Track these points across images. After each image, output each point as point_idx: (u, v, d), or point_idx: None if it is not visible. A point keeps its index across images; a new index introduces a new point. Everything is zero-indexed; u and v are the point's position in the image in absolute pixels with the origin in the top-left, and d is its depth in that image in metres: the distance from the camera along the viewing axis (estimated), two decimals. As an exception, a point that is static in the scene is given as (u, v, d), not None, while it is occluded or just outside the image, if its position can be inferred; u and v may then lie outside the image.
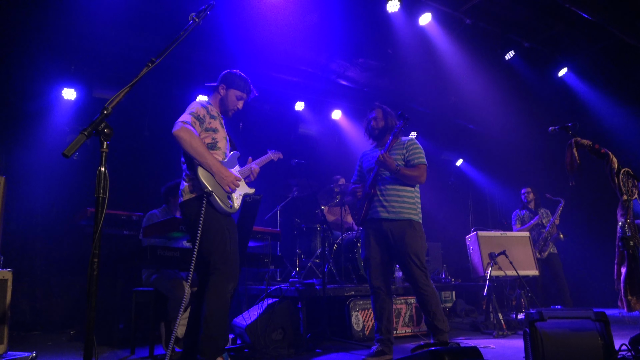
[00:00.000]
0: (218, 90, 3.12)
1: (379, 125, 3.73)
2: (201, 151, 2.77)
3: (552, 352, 2.45)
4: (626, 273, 3.33)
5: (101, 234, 1.55)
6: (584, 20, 5.88)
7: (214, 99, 3.15)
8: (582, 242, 7.09)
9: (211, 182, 2.78)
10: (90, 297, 1.48)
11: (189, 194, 2.83)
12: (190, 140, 2.73)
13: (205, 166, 2.78)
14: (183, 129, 2.73)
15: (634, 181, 3.42)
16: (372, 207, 3.55)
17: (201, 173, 2.77)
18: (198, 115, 2.88)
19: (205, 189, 2.73)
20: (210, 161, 2.78)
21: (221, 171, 2.83)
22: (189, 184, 2.85)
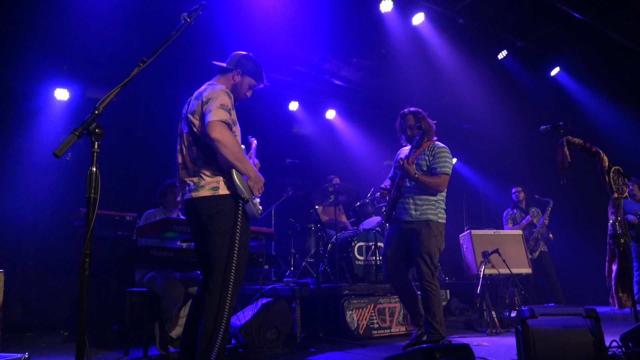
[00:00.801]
0: (232, 75, 2.81)
1: (414, 133, 3.80)
2: (241, 157, 2.53)
3: (544, 348, 2.48)
4: (617, 270, 3.36)
5: (93, 234, 1.55)
6: (575, 20, 5.92)
7: (227, 84, 2.81)
8: (574, 240, 7.15)
9: (245, 186, 2.56)
10: (82, 297, 1.48)
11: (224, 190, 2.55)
12: (232, 147, 2.46)
13: (244, 172, 2.56)
14: (223, 132, 2.45)
15: (624, 179, 3.45)
16: (396, 208, 3.74)
17: (237, 176, 2.52)
18: (229, 108, 2.58)
19: (242, 194, 2.52)
20: (249, 167, 2.58)
21: (257, 176, 2.63)
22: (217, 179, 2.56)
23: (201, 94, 2.61)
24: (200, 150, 2.60)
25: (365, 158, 8.13)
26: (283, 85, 7.09)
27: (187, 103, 2.75)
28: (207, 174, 2.57)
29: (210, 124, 2.44)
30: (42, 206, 5.34)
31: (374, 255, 5.41)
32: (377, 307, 4.62)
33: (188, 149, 2.65)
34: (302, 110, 7.55)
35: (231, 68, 2.81)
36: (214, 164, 2.58)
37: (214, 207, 2.52)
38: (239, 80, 2.82)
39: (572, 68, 7.28)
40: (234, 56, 2.84)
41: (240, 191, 2.52)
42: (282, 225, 6.33)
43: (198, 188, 2.55)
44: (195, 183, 2.57)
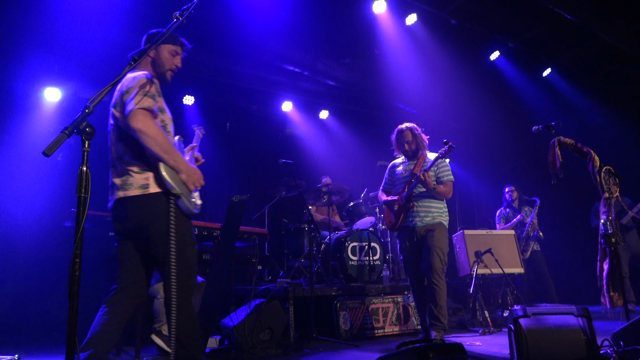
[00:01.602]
0: (147, 54, 2.54)
1: (412, 148, 4.09)
2: (168, 148, 2.31)
3: (536, 347, 2.49)
4: (608, 269, 3.39)
5: (83, 234, 1.53)
6: (567, 21, 5.97)
7: (145, 66, 2.56)
8: (566, 239, 7.19)
9: (176, 181, 2.34)
10: (72, 298, 1.46)
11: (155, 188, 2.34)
12: (156, 136, 2.26)
13: (172, 165, 2.33)
14: (146, 120, 2.25)
15: (615, 179, 3.48)
16: (407, 216, 3.98)
17: (165, 170, 2.30)
18: (153, 94, 2.36)
19: (173, 190, 2.30)
20: (178, 158, 2.35)
21: (189, 169, 2.40)
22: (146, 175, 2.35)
23: (122, 86, 2.39)
24: (126, 145, 2.40)
25: (359, 158, 8.14)
26: (276, 86, 7.09)
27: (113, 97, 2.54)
28: (135, 170, 2.36)
29: (131, 113, 2.24)
30: (34, 207, 5.30)
31: (368, 256, 5.42)
32: (371, 308, 4.62)
33: (115, 145, 2.46)
34: (296, 110, 7.55)
35: (142, 49, 2.54)
36: (142, 159, 2.37)
37: (145, 208, 2.32)
38: (154, 54, 2.58)
39: (564, 69, 7.34)
40: (144, 40, 2.64)
41: (170, 186, 2.30)
42: (275, 226, 6.32)
43: (126, 186, 2.36)
44: (124, 181, 2.37)
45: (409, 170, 4.05)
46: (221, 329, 4.15)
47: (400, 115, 8.46)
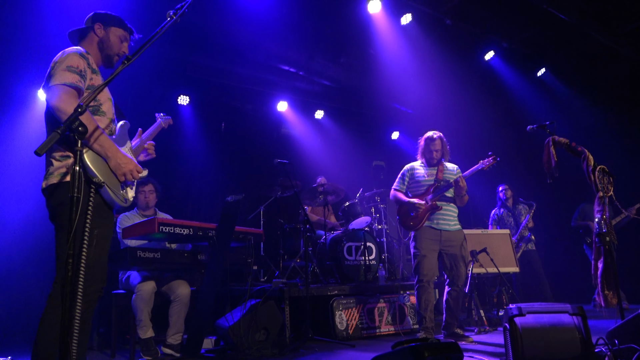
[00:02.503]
0: (94, 31, 2.36)
1: (438, 156, 4.36)
2: (91, 128, 2.07)
3: (531, 346, 2.49)
4: (602, 268, 3.40)
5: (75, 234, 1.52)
6: (561, 21, 5.99)
7: (89, 45, 2.36)
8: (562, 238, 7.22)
9: (101, 169, 2.11)
10: (64, 298, 1.45)
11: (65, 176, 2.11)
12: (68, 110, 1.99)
13: (99, 151, 2.11)
14: (64, 96, 2.01)
15: (610, 178, 3.49)
16: (432, 218, 4.17)
17: (88, 155, 2.07)
18: (80, 70, 2.13)
19: (94, 178, 2.06)
20: (106, 144, 2.12)
21: (118, 156, 2.16)
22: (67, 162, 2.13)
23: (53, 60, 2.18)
24: (49, 124, 2.20)
25: (354, 158, 8.14)
26: (271, 86, 7.08)
27: None
28: (57, 156, 2.14)
29: (50, 90, 2.03)
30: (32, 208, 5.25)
31: (363, 255, 5.41)
32: (367, 307, 4.62)
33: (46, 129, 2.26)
34: (291, 110, 7.54)
35: (89, 25, 2.40)
36: (66, 144, 2.14)
37: (57, 196, 2.10)
38: (103, 35, 2.39)
39: (558, 69, 7.36)
40: (86, 18, 2.44)
41: (92, 173, 2.06)
42: (271, 226, 6.31)
43: (47, 176, 2.15)
44: (47, 170, 2.17)
45: (432, 175, 4.27)
46: (216, 330, 4.13)
47: (396, 115, 8.48)
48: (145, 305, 3.59)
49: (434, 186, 4.22)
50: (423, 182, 4.30)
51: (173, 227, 3.42)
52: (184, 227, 3.54)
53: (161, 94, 6.41)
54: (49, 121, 2.22)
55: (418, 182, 4.33)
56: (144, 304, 3.58)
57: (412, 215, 4.21)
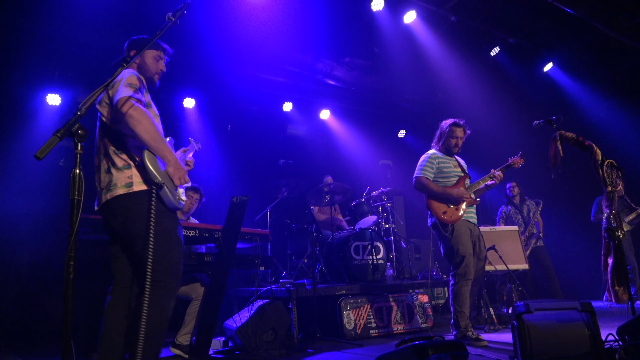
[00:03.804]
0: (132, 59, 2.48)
1: (459, 145, 4.20)
2: (157, 136, 2.24)
3: (539, 343, 2.46)
4: (612, 264, 3.35)
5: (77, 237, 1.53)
6: (567, 15, 5.92)
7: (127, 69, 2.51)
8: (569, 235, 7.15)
9: (159, 172, 2.28)
10: (66, 301, 1.46)
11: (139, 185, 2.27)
12: (146, 123, 2.20)
13: (160, 153, 2.27)
14: (135, 107, 2.19)
15: (618, 172, 3.44)
16: (468, 212, 4.06)
17: (149, 159, 2.24)
18: (137, 87, 2.32)
19: (155, 179, 2.22)
20: (165, 147, 2.29)
21: (177, 163, 2.34)
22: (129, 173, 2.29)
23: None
24: (110, 140, 2.36)
25: (360, 157, 8.12)
26: (276, 87, 7.09)
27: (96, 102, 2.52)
28: (118, 166, 2.31)
29: (119, 101, 2.20)
30: (36, 211, 5.31)
31: (371, 255, 5.40)
32: (375, 307, 4.60)
33: (99, 143, 2.42)
34: (296, 111, 7.54)
35: (127, 55, 2.62)
36: (126, 152, 2.32)
37: (130, 207, 2.26)
38: (140, 61, 2.61)
39: (565, 63, 7.28)
40: (125, 47, 2.66)
41: (153, 175, 2.23)
42: (277, 227, 6.31)
43: (111, 187, 2.29)
44: (109, 181, 2.31)
45: (456, 167, 4.14)
46: (224, 331, 4.14)
47: (401, 114, 8.45)
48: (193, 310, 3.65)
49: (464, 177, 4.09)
50: (451, 173, 4.10)
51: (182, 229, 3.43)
52: (189, 229, 3.55)
53: (167, 97, 6.45)
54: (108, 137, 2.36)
55: (447, 173, 4.10)
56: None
57: (450, 207, 3.98)
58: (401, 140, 8.79)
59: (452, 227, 3.94)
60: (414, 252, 7.28)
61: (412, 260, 7.05)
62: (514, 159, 4.27)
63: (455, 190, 3.99)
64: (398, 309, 4.73)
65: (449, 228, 3.95)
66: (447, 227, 3.94)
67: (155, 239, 2.17)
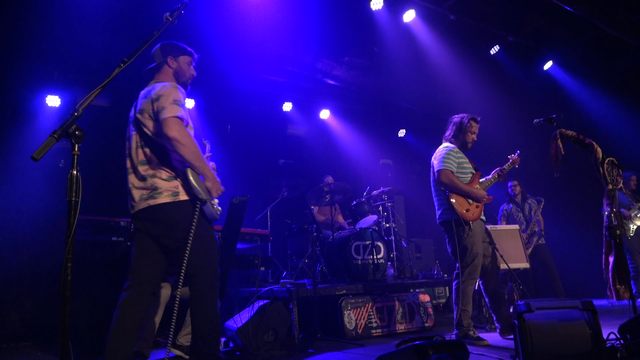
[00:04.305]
0: (167, 64, 2.70)
1: (474, 141, 4.19)
2: (200, 156, 2.44)
3: (541, 342, 2.45)
4: (613, 262, 3.35)
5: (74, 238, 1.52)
6: (567, 13, 5.92)
7: (166, 76, 2.69)
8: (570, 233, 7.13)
9: (202, 187, 2.48)
10: (64, 303, 1.45)
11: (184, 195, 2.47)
12: (190, 145, 2.38)
13: (201, 172, 2.47)
14: (180, 131, 2.35)
15: (619, 170, 3.44)
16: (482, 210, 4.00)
17: (192, 177, 2.44)
18: (181, 103, 2.46)
19: (199, 195, 2.44)
20: (206, 167, 2.48)
21: (214, 177, 2.53)
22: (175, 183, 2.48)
23: (149, 92, 2.52)
24: (152, 151, 2.50)
25: (360, 157, 8.12)
26: (276, 87, 7.08)
27: (133, 105, 2.65)
28: (163, 177, 2.47)
29: (166, 122, 2.33)
30: (37, 212, 5.30)
31: (371, 254, 5.39)
32: (376, 306, 4.59)
33: (137, 151, 2.53)
34: (296, 110, 7.53)
35: (162, 60, 2.71)
36: (168, 165, 2.49)
37: (175, 214, 2.44)
38: (176, 66, 2.73)
39: (565, 61, 7.28)
40: (155, 51, 2.74)
41: (197, 192, 2.44)
42: (278, 227, 6.30)
43: (155, 194, 2.44)
44: (151, 189, 2.45)
45: (470, 162, 4.06)
46: (225, 331, 4.13)
47: (401, 113, 8.44)
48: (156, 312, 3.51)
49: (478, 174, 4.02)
50: (468, 169, 4.01)
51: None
52: (189, 230, 3.54)
53: (166, 97, 6.44)
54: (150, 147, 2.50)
55: (465, 169, 4.00)
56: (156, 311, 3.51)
57: (471, 205, 3.89)
58: (401, 140, 8.78)
59: (470, 226, 3.84)
60: (415, 252, 7.28)
61: (412, 259, 7.04)
62: (513, 157, 4.26)
63: (477, 189, 3.92)
64: (399, 308, 4.72)
65: (466, 226, 3.83)
66: (465, 224, 3.82)
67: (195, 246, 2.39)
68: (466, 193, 3.87)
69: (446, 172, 3.86)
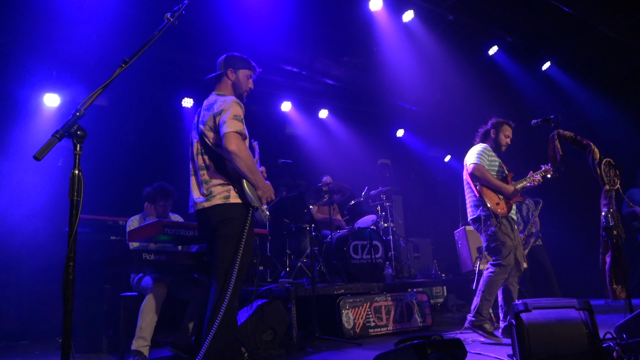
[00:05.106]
0: (227, 76, 2.87)
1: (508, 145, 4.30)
2: (254, 169, 2.66)
3: (538, 342, 2.47)
4: (610, 262, 3.36)
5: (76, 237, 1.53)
6: (565, 14, 5.94)
7: (225, 88, 2.87)
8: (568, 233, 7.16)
9: (255, 195, 2.71)
10: (66, 301, 1.46)
11: (235, 199, 2.67)
12: (247, 159, 2.59)
13: (254, 183, 2.68)
14: (239, 146, 2.56)
15: (616, 171, 3.45)
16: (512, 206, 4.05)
17: (247, 186, 2.67)
18: (241, 118, 2.66)
19: (253, 202, 2.67)
20: (259, 177, 2.71)
21: (265, 185, 2.75)
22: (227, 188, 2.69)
23: (212, 105, 2.72)
24: (210, 159, 2.72)
25: (359, 157, 8.13)
26: (275, 86, 7.08)
27: (197, 114, 2.86)
28: (218, 183, 2.69)
29: (227, 136, 2.54)
30: (36, 212, 5.30)
31: (370, 254, 5.40)
32: (374, 306, 4.61)
33: (197, 157, 2.76)
34: (295, 110, 7.54)
35: (223, 71, 2.87)
36: (224, 172, 2.71)
37: (225, 213, 2.65)
38: (235, 78, 2.87)
39: (563, 62, 7.30)
40: (219, 62, 2.93)
41: (251, 199, 2.66)
42: (276, 226, 6.31)
43: (210, 198, 2.68)
44: (206, 194, 2.69)
45: (503, 165, 4.18)
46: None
47: (400, 113, 8.45)
48: (153, 311, 3.49)
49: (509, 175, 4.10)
50: (500, 170, 4.12)
51: (178, 229, 3.42)
52: (189, 229, 3.54)
53: (165, 96, 6.44)
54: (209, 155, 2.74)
55: (498, 170, 4.10)
56: (152, 309, 3.50)
57: (501, 200, 3.98)
58: (400, 140, 8.80)
59: (499, 219, 3.93)
60: (413, 251, 7.30)
61: (411, 259, 7.07)
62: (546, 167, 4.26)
63: (510, 187, 4.00)
64: (397, 308, 4.74)
65: (498, 220, 3.91)
66: (497, 218, 3.90)
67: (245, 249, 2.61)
68: (497, 188, 3.97)
69: (480, 166, 3.97)
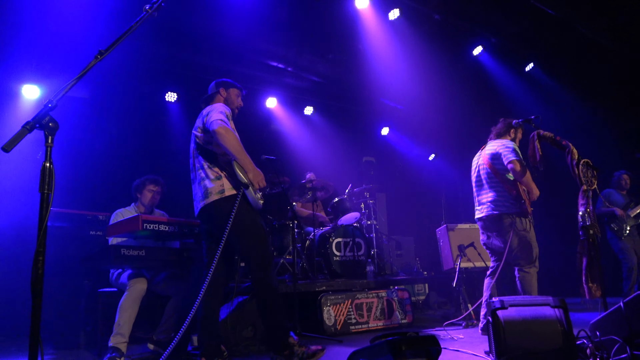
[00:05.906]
0: (219, 93, 3.32)
1: None
2: (239, 148, 2.91)
3: (513, 339, 2.50)
4: (587, 261, 3.43)
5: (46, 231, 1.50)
6: (548, 16, 6.01)
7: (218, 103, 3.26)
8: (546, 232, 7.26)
9: (246, 177, 2.95)
10: (35, 296, 1.43)
11: (229, 191, 2.95)
12: (230, 137, 2.86)
13: (242, 162, 2.92)
14: (222, 126, 2.86)
15: (594, 172, 3.52)
16: None
17: (238, 168, 2.92)
18: (227, 114, 3.02)
19: (242, 180, 2.90)
20: (247, 158, 2.94)
21: (255, 170, 2.98)
22: (221, 182, 2.97)
23: (202, 114, 3.14)
24: (204, 158, 3.05)
25: (343, 154, 8.13)
26: (259, 82, 7.05)
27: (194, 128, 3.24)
28: (211, 177, 2.99)
29: (212, 123, 2.89)
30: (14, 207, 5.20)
31: (352, 251, 5.42)
32: (355, 303, 4.62)
33: (193, 160, 3.11)
34: (280, 106, 7.51)
35: (215, 91, 3.34)
36: (216, 164, 3.01)
37: (224, 207, 2.90)
38: (226, 95, 3.33)
39: (546, 64, 7.39)
40: (210, 86, 3.40)
41: (241, 178, 2.91)
42: (259, 223, 6.27)
43: (208, 195, 2.96)
44: (204, 192, 2.98)
45: None
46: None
47: (385, 111, 8.48)
48: (131, 307, 3.42)
49: None
50: None
51: (158, 224, 3.39)
52: (169, 225, 3.51)
53: (149, 91, 6.37)
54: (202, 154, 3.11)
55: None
56: (131, 306, 3.43)
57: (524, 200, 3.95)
58: (384, 138, 8.82)
59: (530, 218, 3.93)
60: (396, 249, 7.34)
61: (393, 256, 7.10)
62: None
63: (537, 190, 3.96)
64: (378, 305, 4.76)
65: (526, 219, 3.92)
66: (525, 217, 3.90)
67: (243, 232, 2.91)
68: (530, 187, 3.92)
69: (521, 162, 3.84)
